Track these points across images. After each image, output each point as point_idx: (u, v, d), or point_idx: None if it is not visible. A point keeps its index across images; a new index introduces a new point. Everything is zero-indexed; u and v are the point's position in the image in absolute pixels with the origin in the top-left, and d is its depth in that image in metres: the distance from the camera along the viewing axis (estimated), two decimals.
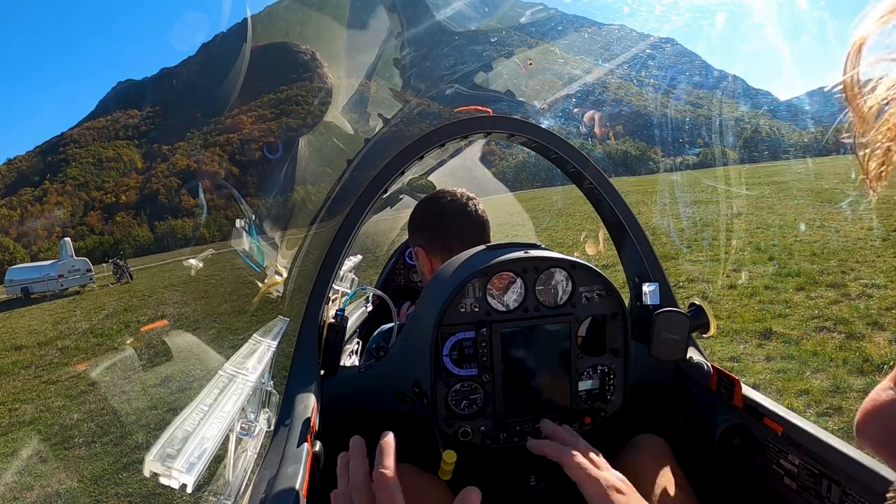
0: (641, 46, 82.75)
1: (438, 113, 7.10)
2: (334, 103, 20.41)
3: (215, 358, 7.71)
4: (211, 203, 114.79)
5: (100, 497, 3.99)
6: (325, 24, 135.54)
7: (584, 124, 24.96)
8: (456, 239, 1.45)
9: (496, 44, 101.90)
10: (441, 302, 1.10)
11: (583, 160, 1.45)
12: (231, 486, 0.85)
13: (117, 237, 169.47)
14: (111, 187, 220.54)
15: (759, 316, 5.66)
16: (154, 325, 11.76)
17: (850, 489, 0.87)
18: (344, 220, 1.37)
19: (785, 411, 1.04)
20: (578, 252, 5.04)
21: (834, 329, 5.02)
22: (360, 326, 2.65)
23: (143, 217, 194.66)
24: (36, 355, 10.52)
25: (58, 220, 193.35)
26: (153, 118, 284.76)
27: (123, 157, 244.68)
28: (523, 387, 1.13)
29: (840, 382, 3.90)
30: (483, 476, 1.25)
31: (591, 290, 1.16)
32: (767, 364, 4.43)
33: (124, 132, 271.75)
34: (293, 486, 0.82)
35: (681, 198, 21.09)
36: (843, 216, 12.04)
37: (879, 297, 5.84)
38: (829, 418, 3.47)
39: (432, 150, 1.41)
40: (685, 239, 11.37)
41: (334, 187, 2.11)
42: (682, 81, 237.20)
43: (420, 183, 2.71)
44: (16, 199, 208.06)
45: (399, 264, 2.80)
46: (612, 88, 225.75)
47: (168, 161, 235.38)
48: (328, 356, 1.30)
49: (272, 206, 7.78)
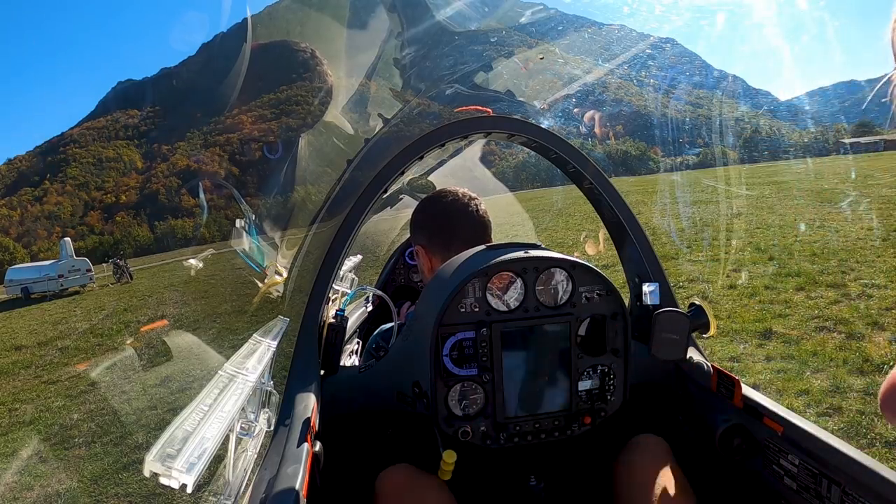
0: (641, 46, 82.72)
1: (438, 113, 7.12)
2: (334, 103, 20.36)
3: (215, 358, 7.70)
4: (211, 203, 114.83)
5: (100, 497, 3.99)
6: (325, 25, 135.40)
7: (584, 124, 24.96)
8: (456, 239, 1.45)
9: (496, 44, 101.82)
10: (441, 302, 1.10)
11: (583, 160, 1.45)
12: (231, 486, 0.85)
13: (117, 237, 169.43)
14: (111, 187, 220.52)
15: (759, 316, 5.66)
16: (154, 325, 11.76)
17: (850, 489, 0.87)
18: (344, 220, 1.37)
19: (785, 411, 1.04)
20: (578, 252, 5.04)
21: (834, 329, 5.02)
22: (360, 326, 2.65)
23: (143, 217, 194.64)
24: (36, 355, 10.51)
25: (58, 220, 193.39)
26: (153, 118, 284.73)
27: (123, 157, 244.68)
28: (523, 387, 1.13)
29: (840, 382, 3.89)
30: (483, 476, 1.25)
31: (591, 290, 1.16)
32: (767, 364, 4.42)
33: (124, 132, 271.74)
34: (293, 486, 0.82)
35: (681, 198, 21.08)
36: (843, 216, 12.04)
37: (879, 297, 5.84)
38: (829, 418, 3.47)
39: (432, 150, 1.41)
40: (685, 239, 11.37)
41: (334, 187, 2.11)
42: (682, 81, 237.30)
43: (420, 183, 2.71)
44: (16, 199, 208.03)
45: (399, 264, 2.80)
46: (612, 88, 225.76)
47: (168, 161, 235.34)
48: (328, 356, 1.30)
49: (272, 206, 7.77)
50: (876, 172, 22.11)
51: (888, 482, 0.80)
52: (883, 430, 3.23)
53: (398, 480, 1.11)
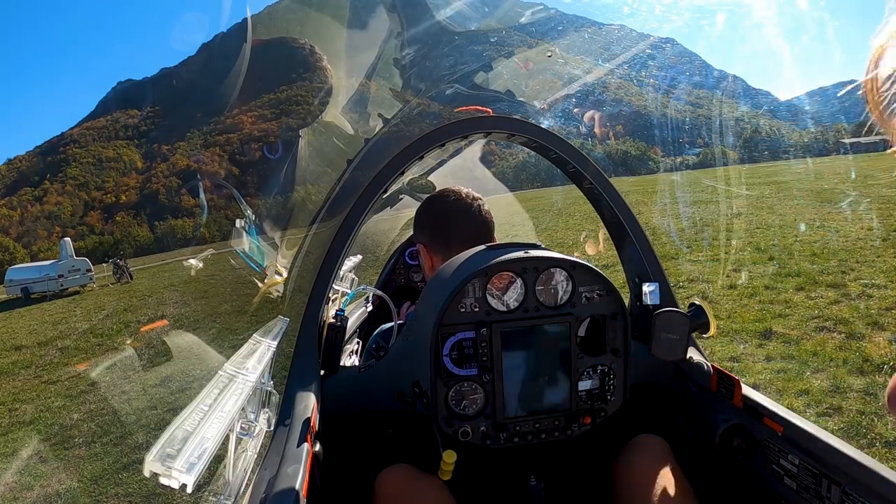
0: (641, 46, 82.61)
1: (438, 113, 7.12)
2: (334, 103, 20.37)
3: (215, 358, 7.70)
4: (211, 203, 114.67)
5: (100, 497, 3.99)
6: (325, 24, 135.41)
7: (584, 124, 24.90)
8: (456, 238, 1.45)
9: (496, 44, 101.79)
10: (441, 302, 1.10)
11: (583, 160, 1.45)
12: (231, 486, 0.85)
13: (117, 237, 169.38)
14: (111, 187, 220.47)
15: (759, 316, 5.66)
16: (154, 325, 11.76)
17: (850, 489, 0.87)
18: (344, 220, 1.37)
19: (785, 411, 1.04)
20: (578, 252, 5.04)
21: (834, 329, 5.02)
22: (360, 326, 2.64)
23: (143, 217, 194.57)
24: (36, 355, 10.51)
25: (58, 220, 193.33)
26: (153, 118, 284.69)
27: (123, 157, 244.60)
28: (523, 387, 1.13)
29: (840, 382, 3.89)
30: (483, 476, 1.25)
31: (591, 290, 1.16)
32: (767, 364, 4.42)
33: (124, 132, 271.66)
34: (293, 486, 0.82)
35: (681, 198, 21.07)
36: (843, 216, 12.03)
37: (879, 297, 5.84)
38: (829, 418, 3.47)
39: (432, 150, 1.41)
40: (685, 239, 11.37)
41: (334, 187, 2.11)
42: (683, 81, 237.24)
43: (420, 183, 2.71)
44: (16, 199, 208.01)
45: (399, 264, 2.80)
46: (612, 88, 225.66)
47: (168, 161, 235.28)
48: (328, 356, 1.30)
49: (272, 206, 7.74)
50: (876, 172, 22.09)
51: (888, 482, 0.80)
52: (883, 430, 3.23)
53: (398, 480, 1.11)
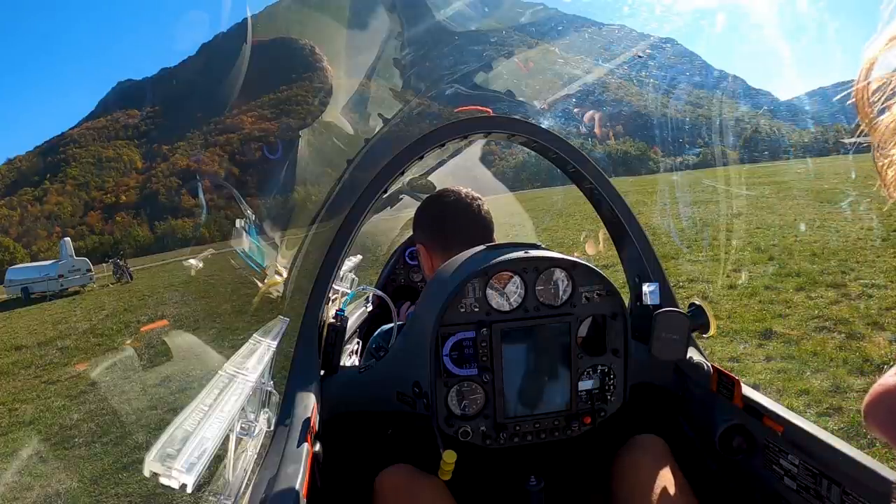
0: (641, 46, 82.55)
1: (438, 113, 7.12)
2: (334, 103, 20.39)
3: (215, 358, 7.70)
4: (211, 203, 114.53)
5: (100, 497, 3.99)
6: (325, 24, 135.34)
7: (584, 124, 24.87)
8: (456, 238, 1.45)
9: (496, 44, 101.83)
10: (441, 302, 1.10)
11: (583, 160, 1.45)
12: (231, 486, 0.85)
13: (117, 237, 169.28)
14: (111, 187, 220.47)
15: (759, 316, 5.66)
16: (154, 325, 11.75)
17: (850, 489, 0.87)
18: (344, 220, 1.37)
19: (785, 411, 1.04)
20: (578, 252, 5.04)
21: (834, 329, 5.02)
22: (360, 326, 2.65)
23: (143, 217, 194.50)
24: (36, 355, 10.51)
25: (58, 220, 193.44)
26: (153, 118, 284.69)
27: (123, 157, 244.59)
28: (523, 387, 1.13)
29: (840, 382, 3.89)
30: (483, 476, 1.25)
31: (591, 290, 1.16)
32: (767, 364, 4.42)
33: (124, 132, 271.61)
34: (293, 486, 0.82)
35: (681, 198, 21.07)
36: (843, 216, 12.03)
37: (879, 297, 5.84)
38: (829, 418, 3.47)
39: (432, 150, 1.41)
40: (685, 239, 11.36)
41: (334, 187, 2.11)
42: (683, 81, 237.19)
43: (420, 183, 2.71)
44: (16, 199, 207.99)
45: (399, 264, 2.80)
46: (612, 88, 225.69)
47: (168, 161, 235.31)
48: (328, 356, 1.30)
49: (272, 206, 7.75)
50: (876, 172, 22.04)
51: (888, 482, 0.80)
52: None
53: (398, 480, 1.11)
